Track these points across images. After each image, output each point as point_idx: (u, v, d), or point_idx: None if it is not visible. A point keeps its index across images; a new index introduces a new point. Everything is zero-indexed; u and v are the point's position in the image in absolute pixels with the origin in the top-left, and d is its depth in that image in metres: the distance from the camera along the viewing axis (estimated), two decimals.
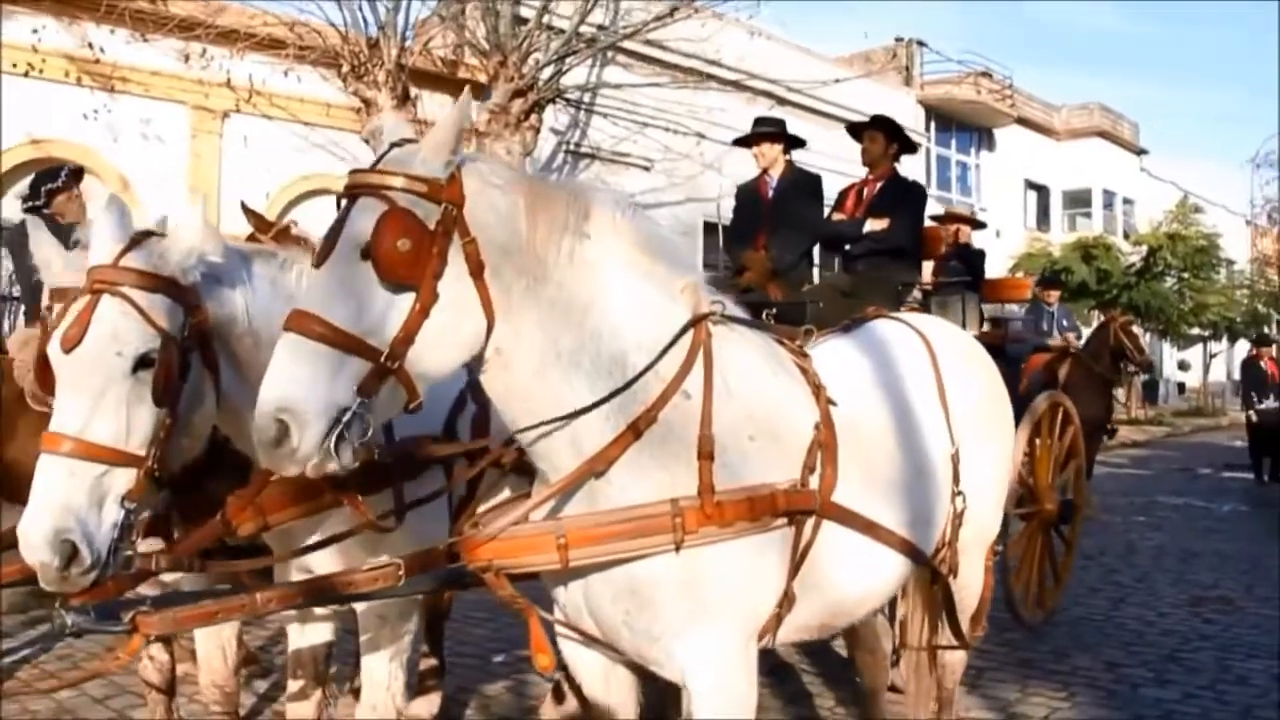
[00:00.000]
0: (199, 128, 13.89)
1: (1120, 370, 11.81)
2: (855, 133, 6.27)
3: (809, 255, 6.10)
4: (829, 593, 2.81)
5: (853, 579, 2.88)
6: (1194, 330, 32.33)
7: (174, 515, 3.08)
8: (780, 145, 6.16)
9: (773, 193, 6.10)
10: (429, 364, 2.25)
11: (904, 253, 5.90)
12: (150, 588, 2.98)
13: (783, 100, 18.81)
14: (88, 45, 12.57)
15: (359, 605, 3.03)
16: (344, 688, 4.60)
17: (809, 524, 2.64)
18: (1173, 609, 7.32)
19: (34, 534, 2.38)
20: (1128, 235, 32.25)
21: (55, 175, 6.07)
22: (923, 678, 3.89)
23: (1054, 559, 6.88)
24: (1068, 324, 12.16)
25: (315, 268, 2.21)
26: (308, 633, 3.37)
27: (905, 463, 3.03)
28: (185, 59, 13.32)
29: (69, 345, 2.51)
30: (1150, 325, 28.34)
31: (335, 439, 2.10)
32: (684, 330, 2.52)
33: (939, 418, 3.23)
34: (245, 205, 4.14)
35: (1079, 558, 7.51)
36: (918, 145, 6.98)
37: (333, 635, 3.44)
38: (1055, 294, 12.53)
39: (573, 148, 17.70)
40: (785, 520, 2.57)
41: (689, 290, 2.61)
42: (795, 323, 4.01)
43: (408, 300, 2.19)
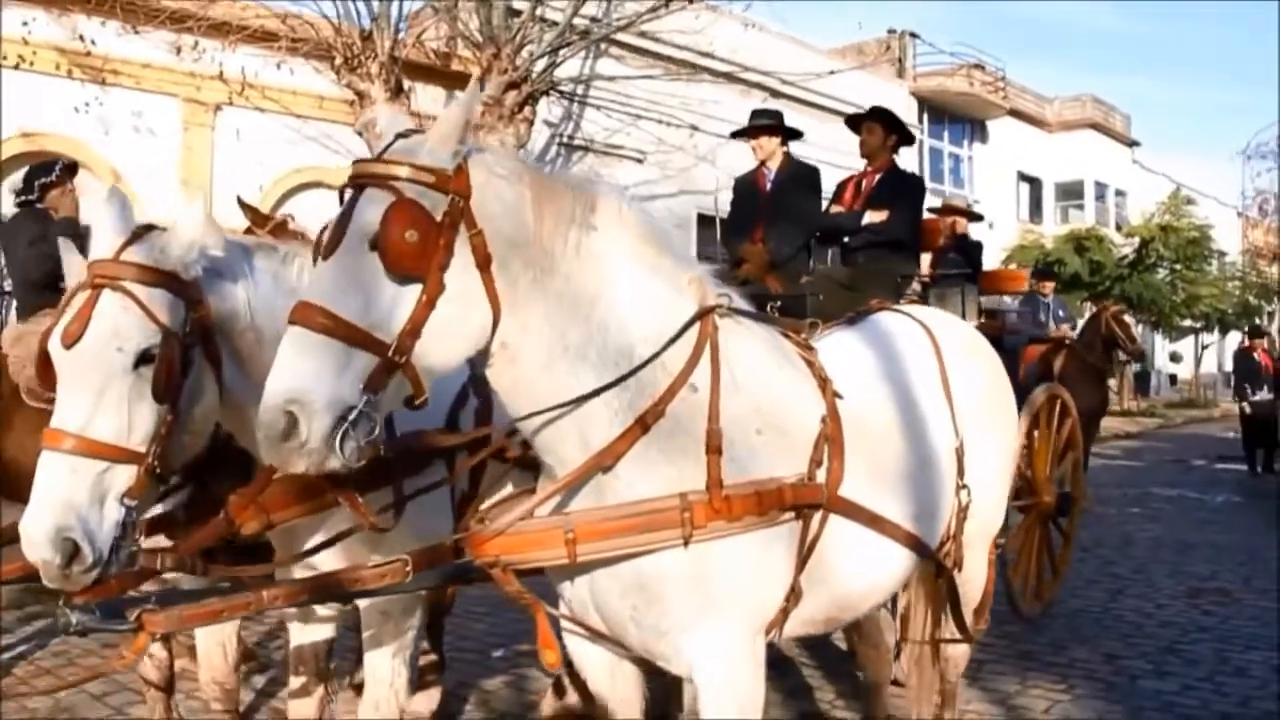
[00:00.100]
0: (191, 120, 13.84)
1: (1113, 360, 11.84)
2: (853, 124, 6.24)
3: (807, 248, 6.07)
4: (835, 587, 2.80)
5: (859, 573, 2.87)
6: (1186, 322, 32.44)
7: (178, 513, 3.05)
8: (778, 138, 6.13)
9: (771, 185, 6.06)
10: (435, 357, 2.21)
11: (903, 245, 5.87)
12: (150, 584, 2.95)
13: (776, 92, 18.77)
14: (79, 37, 12.48)
15: (362, 601, 3.00)
16: (343, 682, 4.59)
17: (816, 518, 2.63)
18: (1170, 601, 7.33)
19: (36, 532, 2.36)
20: (1120, 227, 32.31)
21: (49, 169, 6.03)
22: (925, 671, 3.88)
23: (1052, 551, 6.89)
24: (1063, 315, 12.17)
25: (323, 259, 2.17)
26: (309, 630, 3.34)
27: (911, 456, 3.02)
28: (177, 51, 13.24)
29: (70, 341, 2.48)
30: (1142, 317, 28.41)
31: (341, 435, 2.07)
32: (690, 323, 2.50)
33: (944, 411, 3.23)
34: (241, 200, 4.12)
35: (1075, 550, 7.52)
36: (915, 137, 6.97)
37: (334, 632, 3.41)
38: (1050, 285, 12.55)
39: (566, 140, 17.67)
40: (793, 514, 2.56)
41: (695, 283, 2.60)
42: (795, 315, 3.98)
43: (414, 292, 2.16)
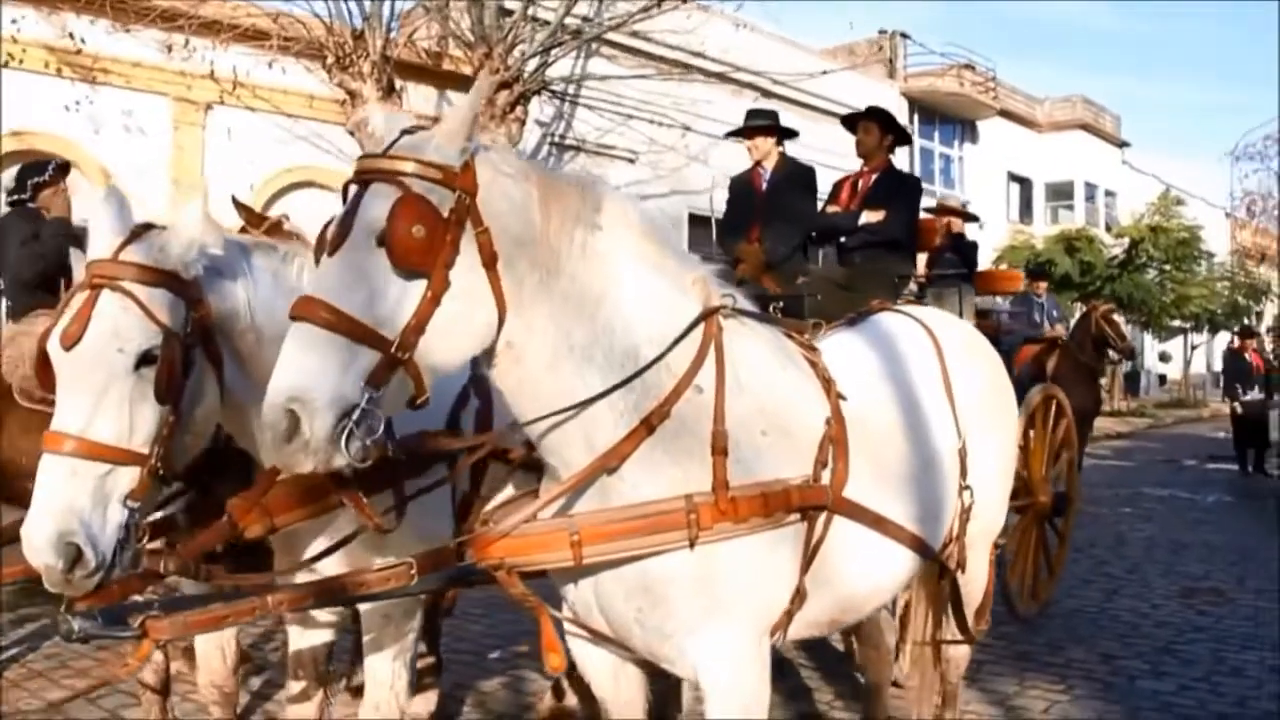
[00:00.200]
0: (182, 120, 13.74)
1: (1104, 358, 11.90)
2: (850, 124, 6.23)
3: (803, 248, 6.06)
4: (840, 588, 2.79)
5: (863, 575, 2.86)
6: (1175, 322, 32.54)
7: (179, 518, 3.03)
8: (774, 138, 6.12)
9: (766, 185, 6.05)
10: (439, 355, 2.19)
11: (900, 245, 5.86)
12: (152, 589, 2.93)
13: (768, 93, 18.74)
14: (68, 36, 12.38)
15: (363, 604, 2.98)
16: (340, 685, 4.56)
17: (821, 519, 2.62)
18: (1165, 600, 7.35)
19: (38, 536, 2.34)
20: (1110, 228, 32.41)
21: (42, 169, 6.02)
22: (926, 672, 3.87)
23: (1048, 551, 6.89)
24: (1057, 315, 12.22)
25: (328, 255, 2.15)
26: (309, 634, 3.31)
27: (914, 457, 3.02)
28: (168, 50, 13.16)
29: (69, 342, 2.45)
30: (1132, 317, 28.51)
31: (344, 433, 2.05)
32: (695, 323, 2.49)
33: (946, 411, 3.22)
34: (236, 199, 4.08)
35: (1070, 550, 7.53)
36: (912, 137, 6.96)
37: (334, 636, 3.39)
38: (1044, 285, 12.62)
39: (558, 140, 17.62)
40: (798, 516, 2.55)
41: (699, 283, 2.59)
42: (793, 316, 3.97)
43: (419, 288, 2.14)
